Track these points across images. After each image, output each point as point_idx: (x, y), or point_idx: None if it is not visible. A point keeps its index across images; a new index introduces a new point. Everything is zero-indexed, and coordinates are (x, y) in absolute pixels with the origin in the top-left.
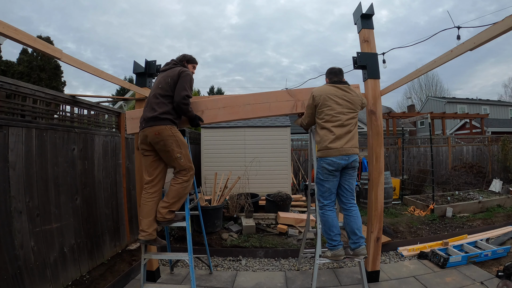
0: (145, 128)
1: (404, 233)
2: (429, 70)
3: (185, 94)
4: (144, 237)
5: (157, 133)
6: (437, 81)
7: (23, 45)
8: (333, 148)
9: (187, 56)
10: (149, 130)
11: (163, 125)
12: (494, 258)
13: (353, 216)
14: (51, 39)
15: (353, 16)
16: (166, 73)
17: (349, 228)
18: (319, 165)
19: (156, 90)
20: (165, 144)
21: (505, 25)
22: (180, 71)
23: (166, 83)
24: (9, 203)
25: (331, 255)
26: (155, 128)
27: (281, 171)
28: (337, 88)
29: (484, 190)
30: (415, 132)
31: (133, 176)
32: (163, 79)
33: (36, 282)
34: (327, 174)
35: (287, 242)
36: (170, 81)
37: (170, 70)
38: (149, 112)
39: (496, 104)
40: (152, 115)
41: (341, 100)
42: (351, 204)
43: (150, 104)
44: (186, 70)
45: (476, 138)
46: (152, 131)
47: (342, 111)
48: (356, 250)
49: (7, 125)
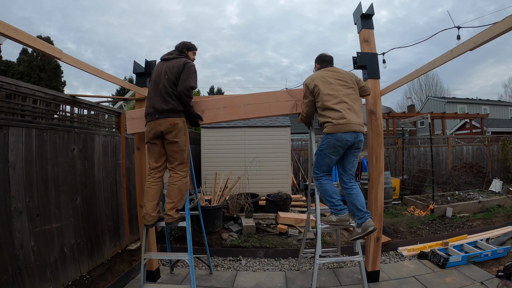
0: (159, 119)
1: (404, 233)
2: (429, 70)
3: (189, 85)
4: (150, 222)
5: (173, 123)
6: (437, 81)
7: (23, 45)
8: (341, 124)
9: (187, 43)
10: (164, 121)
11: (179, 117)
12: (494, 258)
13: (354, 194)
14: (51, 39)
15: (353, 16)
16: (171, 63)
17: (353, 206)
18: (325, 140)
19: (164, 81)
20: (177, 135)
21: (505, 25)
22: (185, 62)
23: (172, 73)
24: (9, 203)
25: (336, 220)
26: (172, 120)
27: (281, 171)
28: (326, 71)
29: (484, 190)
30: (415, 132)
31: (133, 176)
32: (169, 70)
33: (36, 282)
34: (332, 150)
35: (287, 242)
36: (176, 71)
37: (175, 60)
38: (164, 104)
39: (496, 104)
40: (169, 107)
41: (333, 79)
42: (352, 183)
43: (163, 95)
44: (190, 62)
45: (476, 138)
46: (168, 121)
47: (336, 88)
48: (364, 224)
49: (7, 125)
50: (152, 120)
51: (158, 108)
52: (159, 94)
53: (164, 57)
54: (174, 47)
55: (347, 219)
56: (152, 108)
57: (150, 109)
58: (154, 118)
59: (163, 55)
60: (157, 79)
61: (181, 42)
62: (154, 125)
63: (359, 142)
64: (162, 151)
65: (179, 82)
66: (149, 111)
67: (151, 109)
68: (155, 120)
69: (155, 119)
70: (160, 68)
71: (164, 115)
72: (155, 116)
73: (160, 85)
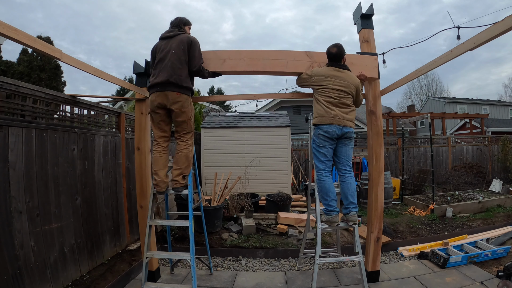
0: (167, 91)
1: (404, 233)
2: (429, 70)
3: (201, 63)
4: (163, 188)
5: (179, 93)
6: (437, 81)
7: (23, 45)
8: (325, 116)
9: (184, 19)
10: (171, 93)
11: (188, 91)
12: (494, 258)
13: (346, 182)
14: (51, 39)
15: (353, 16)
16: (176, 39)
17: (342, 193)
18: (315, 133)
19: (172, 56)
20: (183, 105)
21: (505, 25)
22: (190, 39)
23: (180, 49)
24: (9, 203)
25: (326, 220)
26: (179, 90)
27: (281, 171)
28: (333, 71)
29: (484, 190)
30: (415, 132)
31: (133, 176)
32: (176, 45)
33: (36, 282)
34: (322, 140)
35: (287, 242)
36: (182, 47)
37: (178, 36)
38: (171, 77)
39: (496, 104)
40: (176, 82)
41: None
42: (346, 170)
43: (172, 67)
44: (194, 38)
45: (476, 138)
46: (174, 92)
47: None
48: (347, 216)
49: (7, 125)
50: (158, 91)
51: (164, 81)
52: (165, 69)
53: (165, 35)
54: (170, 24)
55: (335, 220)
56: (159, 80)
57: (156, 80)
58: (161, 89)
59: (163, 34)
60: (163, 56)
61: (176, 18)
62: (159, 95)
63: (348, 133)
64: (166, 119)
65: (191, 61)
66: (156, 81)
67: (158, 80)
68: (162, 91)
69: (161, 90)
70: (166, 45)
71: (171, 88)
72: (162, 88)
73: (165, 60)
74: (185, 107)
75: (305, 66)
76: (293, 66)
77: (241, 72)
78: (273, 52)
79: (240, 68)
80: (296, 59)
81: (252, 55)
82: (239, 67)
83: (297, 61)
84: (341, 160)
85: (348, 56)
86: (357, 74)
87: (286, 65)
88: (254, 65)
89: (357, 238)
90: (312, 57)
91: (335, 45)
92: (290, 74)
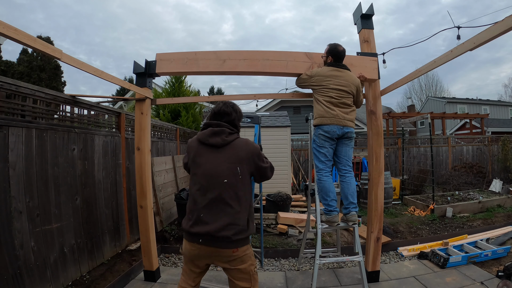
0: (213, 247)
1: (404, 233)
2: (429, 70)
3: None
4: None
5: (236, 250)
6: (437, 81)
7: (23, 45)
8: (325, 116)
9: (239, 111)
10: (223, 250)
11: (244, 238)
12: (494, 258)
13: (346, 182)
14: (51, 39)
15: (353, 16)
16: (228, 152)
17: (342, 193)
18: (315, 133)
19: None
20: (243, 259)
21: (505, 25)
22: (253, 147)
23: (236, 174)
24: (9, 203)
25: (326, 220)
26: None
27: (281, 171)
28: (334, 71)
29: (484, 190)
30: (415, 132)
31: (133, 176)
32: (231, 167)
33: (36, 282)
34: (323, 140)
35: (287, 242)
36: (240, 170)
37: (233, 145)
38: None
39: (496, 104)
40: (231, 231)
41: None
42: (346, 170)
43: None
44: (255, 144)
45: (476, 138)
46: (230, 251)
47: (334, 88)
48: (347, 216)
49: (7, 125)
50: (200, 244)
51: (211, 229)
52: (209, 205)
53: (213, 143)
54: (217, 113)
55: (335, 220)
56: (198, 221)
57: (195, 224)
58: (204, 243)
59: (207, 135)
60: (205, 182)
61: (226, 104)
62: (204, 252)
63: (348, 133)
64: (201, 274)
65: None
66: (194, 228)
67: (197, 228)
68: (205, 246)
69: (205, 244)
70: (212, 162)
71: (222, 241)
72: (206, 241)
73: (213, 193)
74: (245, 260)
75: (305, 67)
76: (293, 67)
77: (241, 73)
78: (273, 53)
79: (239, 69)
80: (296, 60)
81: (252, 55)
82: (239, 68)
83: (297, 62)
84: (341, 160)
85: (348, 57)
86: (357, 76)
87: (286, 66)
88: (254, 66)
89: (357, 238)
90: (312, 58)
91: (339, 45)
92: (290, 75)
